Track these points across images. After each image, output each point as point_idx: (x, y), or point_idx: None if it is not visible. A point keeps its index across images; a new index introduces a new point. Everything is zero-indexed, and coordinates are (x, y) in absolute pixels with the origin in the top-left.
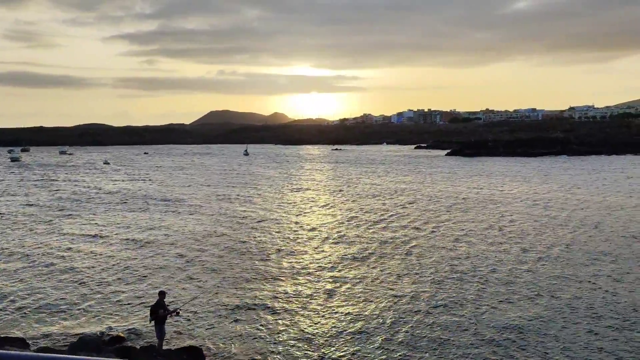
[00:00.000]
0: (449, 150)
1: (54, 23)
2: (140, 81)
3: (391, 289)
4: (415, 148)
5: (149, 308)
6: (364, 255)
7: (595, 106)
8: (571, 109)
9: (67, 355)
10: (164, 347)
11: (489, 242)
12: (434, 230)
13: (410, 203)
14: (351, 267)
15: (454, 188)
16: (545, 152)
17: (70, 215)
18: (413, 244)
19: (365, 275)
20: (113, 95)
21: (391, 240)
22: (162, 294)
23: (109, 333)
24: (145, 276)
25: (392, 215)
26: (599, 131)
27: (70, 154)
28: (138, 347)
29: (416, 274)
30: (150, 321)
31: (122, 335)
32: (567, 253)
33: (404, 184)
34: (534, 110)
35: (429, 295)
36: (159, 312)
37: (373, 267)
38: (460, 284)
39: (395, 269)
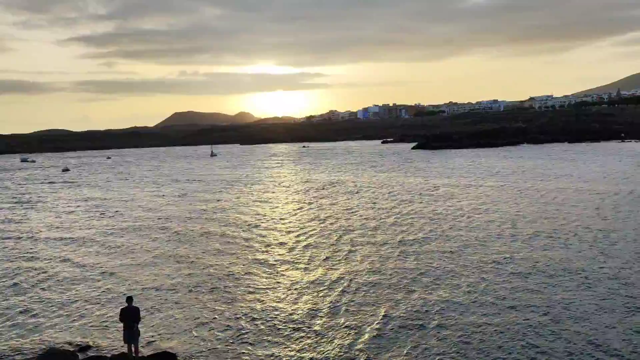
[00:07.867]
0: (415, 144)
1: (4, 26)
2: (99, 84)
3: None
4: (382, 143)
5: (119, 312)
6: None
7: (554, 95)
8: (531, 99)
9: None
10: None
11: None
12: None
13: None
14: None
15: (406, 180)
16: (507, 142)
17: (26, 214)
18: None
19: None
20: (72, 100)
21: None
22: (129, 300)
23: (78, 343)
24: (109, 280)
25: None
26: (559, 120)
27: (32, 161)
28: (109, 355)
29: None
30: (131, 327)
31: (91, 344)
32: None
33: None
34: (495, 101)
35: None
36: (134, 326)
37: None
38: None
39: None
